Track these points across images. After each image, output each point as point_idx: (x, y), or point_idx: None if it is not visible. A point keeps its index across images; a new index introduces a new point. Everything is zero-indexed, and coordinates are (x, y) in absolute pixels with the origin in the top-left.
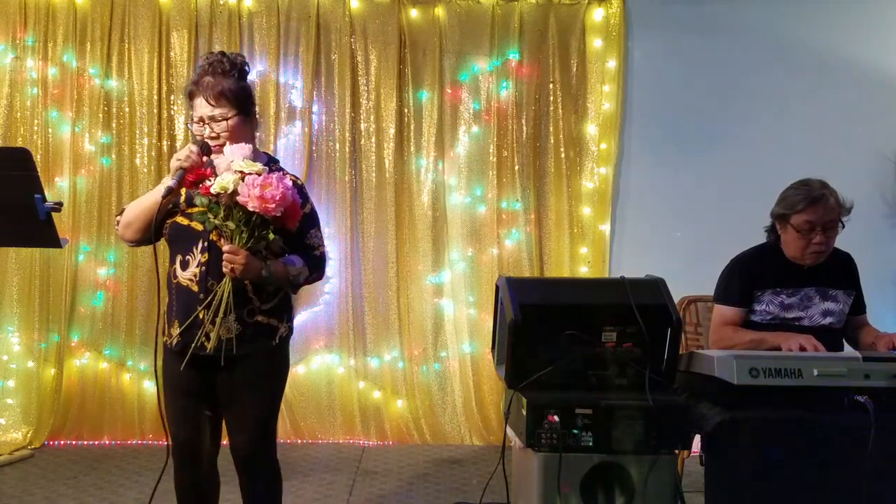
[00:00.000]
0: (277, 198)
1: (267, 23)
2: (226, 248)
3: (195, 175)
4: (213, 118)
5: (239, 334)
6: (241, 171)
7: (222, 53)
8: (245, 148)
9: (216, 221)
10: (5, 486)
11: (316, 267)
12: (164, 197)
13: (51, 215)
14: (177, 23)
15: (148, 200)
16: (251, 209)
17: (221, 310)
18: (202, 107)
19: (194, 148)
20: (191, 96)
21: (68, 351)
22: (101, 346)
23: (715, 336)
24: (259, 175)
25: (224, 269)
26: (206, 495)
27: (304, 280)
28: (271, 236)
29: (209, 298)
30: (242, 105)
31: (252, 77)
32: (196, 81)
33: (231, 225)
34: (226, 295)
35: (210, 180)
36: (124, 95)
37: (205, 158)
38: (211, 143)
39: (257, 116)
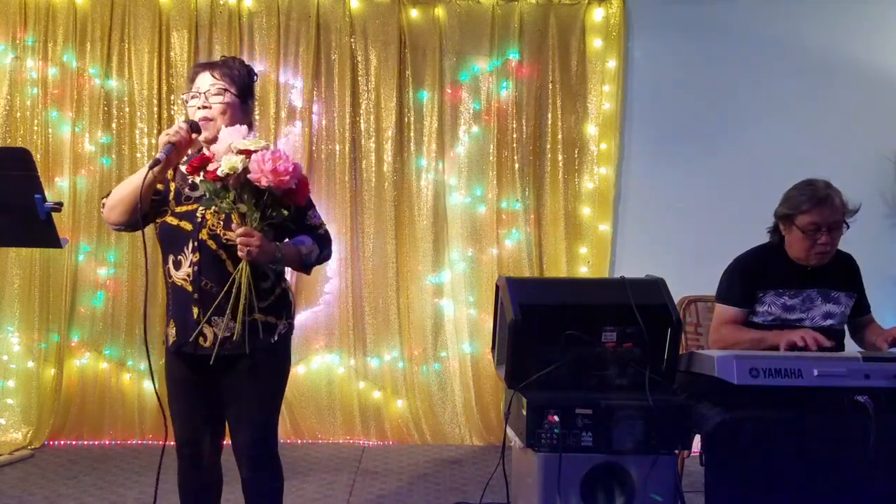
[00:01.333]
0: (290, 169)
1: (267, 23)
2: (239, 231)
3: (198, 160)
4: (212, 86)
5: (235, 332)
6: (247, 150)
7: (235, 56)
8: (242, 129)
9: (224, 206)
10: (5, 486)
11: (324, 244)
12: (150, 168)
13: (51, 215)
14: (177, 23)
15: (136, 179)
16: (265, 185)
17: (243, 295)
18: (203, 79)
19: (183, 125)
20: (194, 74)
21: (68, 351)
22: (101, 346)
23: (715, 335)
24: (267, 150)
25: (240, 253)
26: (209, 494)
27: (316, 259)
28: (285, 213)
29: (224, 290)
30: (242, 90)
31: None
32: (204, 63)
33: (243, 207)
34: (244, 280)
35: (213, 164)
36: (124, 95)
37: (194, 136)
38: (201, 113)
39: (255, 115)
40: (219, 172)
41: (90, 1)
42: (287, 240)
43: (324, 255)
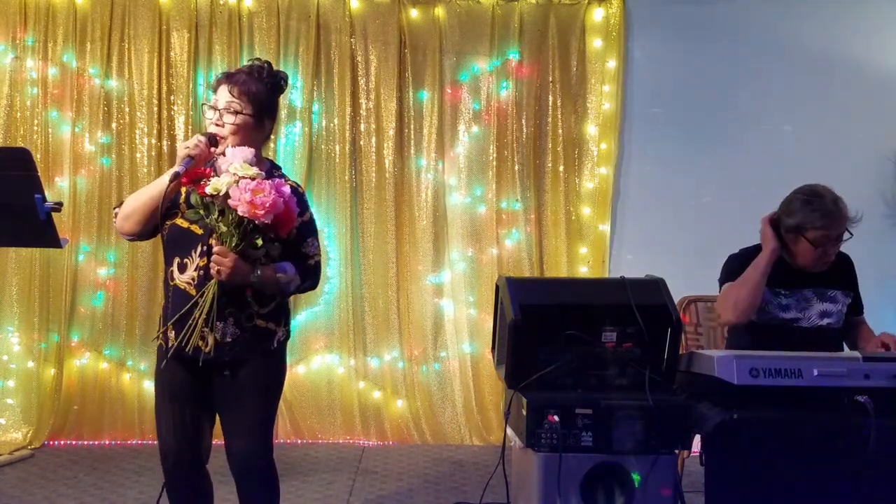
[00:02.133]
0: (268, 204)
1: (267, 23)
2: (216, 249)
3: (193, 174)
4: (228, 105)
5: (237, 338)
6: (236, 175)
7: (269, 63)
8: (246, 151)
9: (208, 222)
10: (5, 486)
11: (308, 276)
12: (171, 181)
13: (51, 215)
14: (177, 23)
15: (152, 190)
16: (241, 214)
17: (205, 311)
18: (222, 93)
19: (202, 137)
20: (217, 83)
21: (68, 351)
22: (101, 346)
23: (719, 297)
24: (253, 180)
25: (211, 271)
26: (200, 499)
27: (296, 288)
28: (259, 242)
29: (199, 299)
30: (259, 110)
31: None
32: (228, 74)
33: (223, 227)
34: (210, 297)
35: (207, 181)
36: (124, 95)
37: (212, 149)
38: (213, 129)
39: (271, 132)
40: (206, 190)
41: (90, 1)
42: (274, 264)
43: (305, 285)
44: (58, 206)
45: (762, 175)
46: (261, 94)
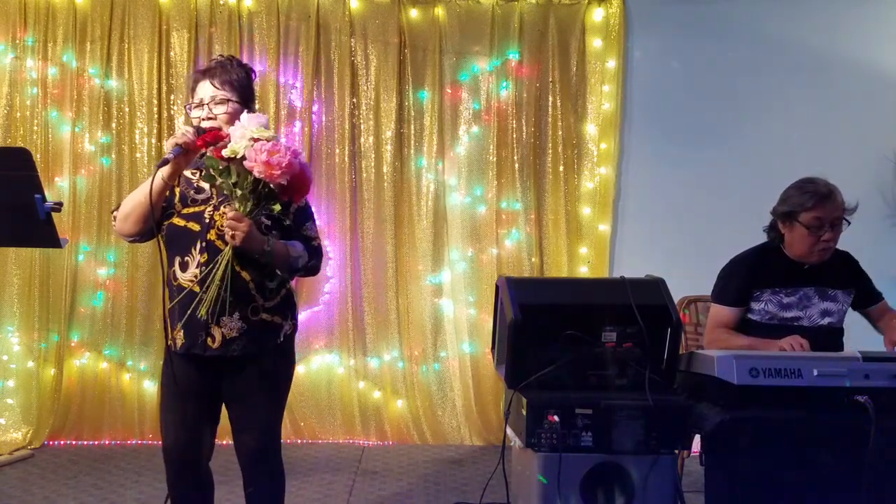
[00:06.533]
0: (283, 164)
1: (267, 23)
2: (229, 213)
3: (211, 135)
4: (214, 98)
5: (244, 333)
6: (253, 137)
7: (232, 56)
8: (261, 117)
9: (223, 186)
10: (5, 486)
11: (313, 255)
12: (158, 167)
13: (51, 215)
14: (177, 23)
15: (146, 187)
16: (257, 174)
17: (218, 277)
18: (206, 88)
19: (190, 129)
20: (195, 82)
21: (68, 351)
22: (101, 346)
23: (710, 337)
24: (268, 141)
25: (226, 236)
26: (202, 498)
27: (303, 266)
28: (277, 208)
29: (209, 269)
30: (244, 96)
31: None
32: (203, 70)
33: (237, 191)
34: (224, 263)
35: (224, 144)
36: (124, 95)
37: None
38: (206, 124)
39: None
40: (223, 153)
41: (90, 1)
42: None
43: (311, 264)
44: (58, 206)
45: (762, 174)
46: (242, 79)
